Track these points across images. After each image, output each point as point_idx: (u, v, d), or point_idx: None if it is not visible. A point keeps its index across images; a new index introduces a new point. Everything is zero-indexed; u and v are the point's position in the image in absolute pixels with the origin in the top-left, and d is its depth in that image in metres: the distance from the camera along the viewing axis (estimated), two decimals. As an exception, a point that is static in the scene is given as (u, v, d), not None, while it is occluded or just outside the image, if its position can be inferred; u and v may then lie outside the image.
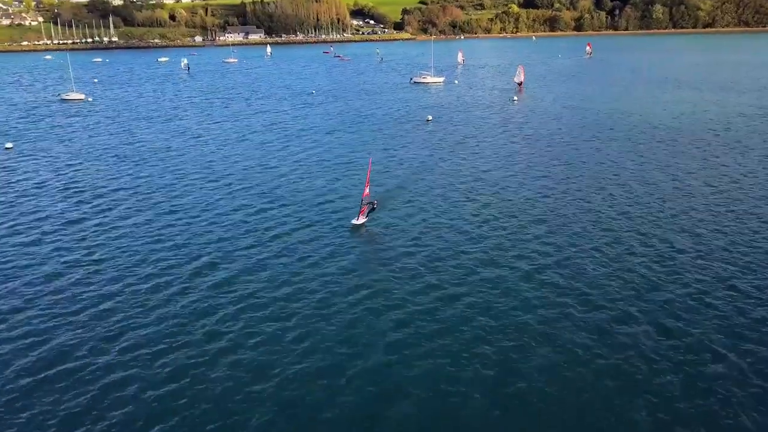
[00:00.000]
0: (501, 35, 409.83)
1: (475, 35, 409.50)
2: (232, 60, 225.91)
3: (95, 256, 38.68)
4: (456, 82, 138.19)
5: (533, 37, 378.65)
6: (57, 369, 26.10)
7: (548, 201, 48.27)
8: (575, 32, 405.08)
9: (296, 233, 41.82)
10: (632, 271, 34.66)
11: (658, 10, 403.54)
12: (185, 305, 31.64)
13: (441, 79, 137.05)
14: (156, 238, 41.86)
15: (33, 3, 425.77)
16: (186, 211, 47.74)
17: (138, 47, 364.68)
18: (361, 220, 42.42)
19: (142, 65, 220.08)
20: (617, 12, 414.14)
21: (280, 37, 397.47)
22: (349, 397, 23.61)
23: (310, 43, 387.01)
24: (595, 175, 55.92)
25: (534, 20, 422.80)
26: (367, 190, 43.30)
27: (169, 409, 23.15)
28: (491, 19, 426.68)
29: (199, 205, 49.15)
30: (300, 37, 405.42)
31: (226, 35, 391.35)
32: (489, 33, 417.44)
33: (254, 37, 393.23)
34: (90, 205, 50.03)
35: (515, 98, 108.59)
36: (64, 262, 37.87)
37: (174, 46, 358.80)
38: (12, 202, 51.54)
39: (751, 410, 22.44)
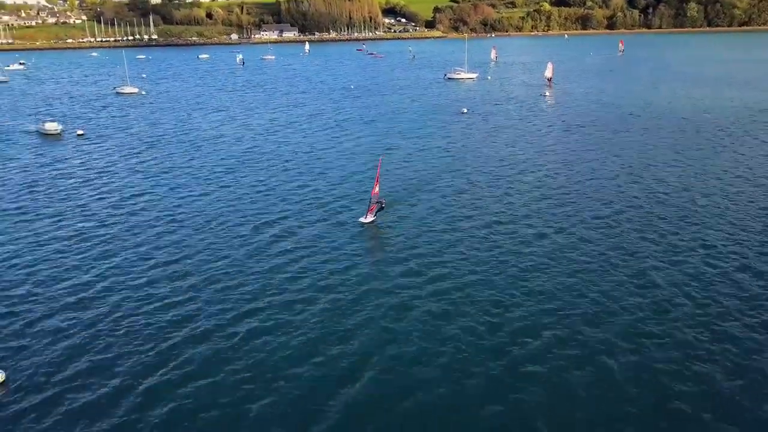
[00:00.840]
0: (532, 33, 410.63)
1: (506, 33, 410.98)
2: (269, 57, 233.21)
3: (169, 219, 45.08)
4: (489, 78, 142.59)
5: (565, 36, 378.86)
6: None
7: (576, 184, 53.00)
8: (607, 31, 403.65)
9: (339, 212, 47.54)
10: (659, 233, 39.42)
11: (693, 8, 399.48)
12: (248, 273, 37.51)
13: (474, 75, 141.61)
14: (216, 207, 48.09)
15: (76, 2, 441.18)
16: (238, 188, 53.94)
17: (176, 45, 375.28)
18: (369, 218, 42.99)
19: (184, 62, 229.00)
20: (651, 10, 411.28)
21: (314, 35, 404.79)
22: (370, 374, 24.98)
23: (343, 40, 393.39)
24: (620, 159, 60.37)
25: (566, 18, 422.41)
26: (376, 189, 43.24)
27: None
28: (522, 18, 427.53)
29: (255, 185, 55.26)
30: (333, 35, 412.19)
31: (261, 33, 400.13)
32: (520, 31, 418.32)
33: (288, 35, 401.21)
34: (156, 181, 56.68)
35: (546, 93, 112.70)
36: (149, 221, 44.34)
37: (211, 44, 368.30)
38: (93, 178, 58.43)
39: None
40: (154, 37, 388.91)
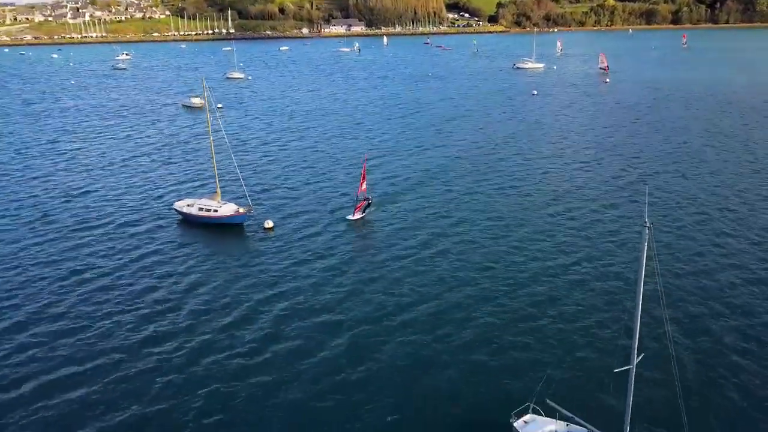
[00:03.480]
0: (595, 28, 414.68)
1: (568, 28, 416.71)
2: (344, 49, 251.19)
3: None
4: (554, 67, 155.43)
5: (629, 30, 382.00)
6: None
7: (637, 159, 67.24)
8: (672, 26, 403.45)
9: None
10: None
11: (763, 2, 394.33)
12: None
13: (541, 65, 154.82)
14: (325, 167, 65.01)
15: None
16: (340, 160, 70.77)
17: (252, 38, 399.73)
18: (357, 215, 43.80)
19: (268, 53, 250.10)
20: (718, 5, 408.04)
21: (380, 29, 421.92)
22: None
23: (408, 35, 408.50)
24: (674, 137, 73.85)
25: (630, 13, 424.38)
26: (363, 186, 43.94)
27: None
28: (585, 12, 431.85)
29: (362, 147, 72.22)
30: (398, 29, 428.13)
31: (330, 27, 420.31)
32: (583, 26, 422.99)
33: (356, 29, 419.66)
34: (283, 134, 74.56)
35: (606, 80, 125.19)
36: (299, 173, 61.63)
37: (284, 38, 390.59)
38: (238, 131, 76.72)
39: None
40: (231, 30, 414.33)
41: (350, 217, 44.25)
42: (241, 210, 44.64)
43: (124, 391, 25.65)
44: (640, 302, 18.17)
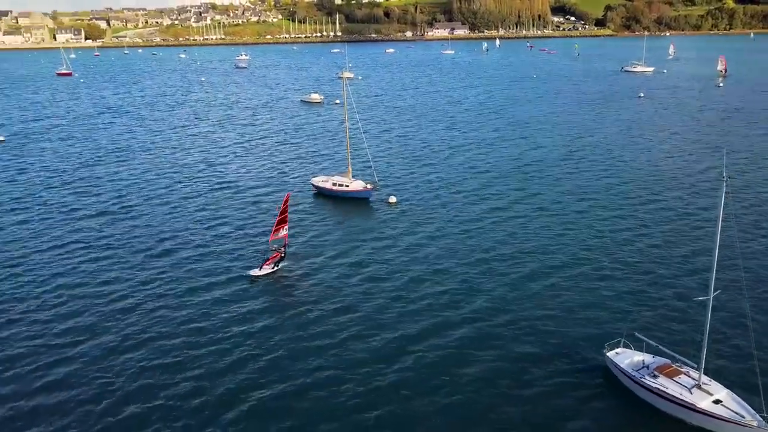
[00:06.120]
0: (712, 32, 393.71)
1: (682, 32, 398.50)
2: (448, 51, 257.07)
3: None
4: (665, 71, 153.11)
5: (750, 34, 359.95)
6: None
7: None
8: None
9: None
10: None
11: None
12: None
13: (650, 69, 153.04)
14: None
15: (272, 2, 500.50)
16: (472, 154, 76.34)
17: (357, 41, 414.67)
18: (265, 269, 36.78)
19: (374, 55, 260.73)
20: None
21: (482, 32, 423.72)
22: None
23: (511, 38, 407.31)
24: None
25: (751, 17, 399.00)
26: (283, 232, 37.25)
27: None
28: (702, 16, 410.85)
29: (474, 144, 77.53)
30: (501, 32, 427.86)
31: (434, 30, 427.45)
32: (698, 30, 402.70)
33: (459, 32, 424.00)
34: (393, 133, 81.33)
35: (720, 83, 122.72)
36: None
37: (388, 40, 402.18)
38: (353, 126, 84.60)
39: None
40: (339, 33, 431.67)
41: (256, 271, 36.80)
42: (369, 186, 51.74)
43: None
44: (718, 241, 22.63)
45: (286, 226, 37.35)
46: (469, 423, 23.56)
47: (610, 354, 26.65)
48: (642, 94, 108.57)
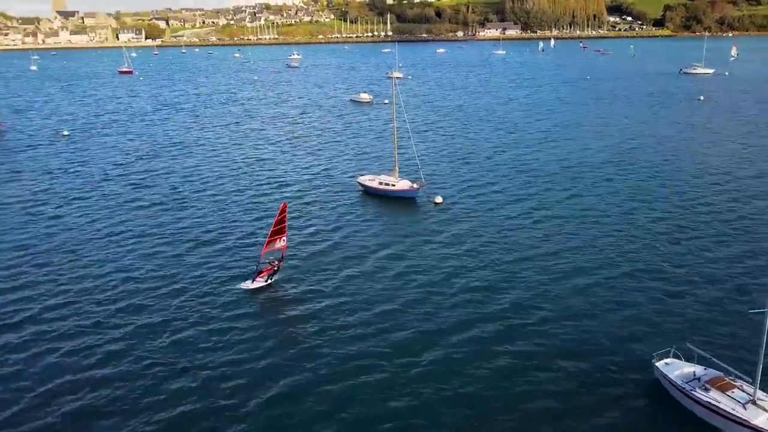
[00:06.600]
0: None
1: (746, 32, 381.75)
2: (499, 52, 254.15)
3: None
4: (727, 73, 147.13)
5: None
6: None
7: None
8: None
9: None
10: None
11: None
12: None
13: (711, 71, 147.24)
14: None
15: (325, 2, 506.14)
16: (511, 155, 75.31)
17: (408, 41, 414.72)
18: (258, 282, 34.64)
19: (424, 55, 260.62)
20: None
21: (535, 32, 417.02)
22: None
23: (564, 38, 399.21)
24: None
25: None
26: (280, 244, 34.79)
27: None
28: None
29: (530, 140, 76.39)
30: (554, 32, 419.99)
31: (485, 30, 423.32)
32: (764, 30, 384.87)
33: (511, 32, 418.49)
34: (440, 134, 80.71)
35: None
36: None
37: (439, 40, 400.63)
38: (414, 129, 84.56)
39: None
40: (389, 33, 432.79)
41: (248, 284, 35.01)
42: (415, 185, 51.67)
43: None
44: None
45: (285, 237, 34.88)
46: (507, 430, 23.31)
47: (659, 364, 25.68)
48: (701, 97, 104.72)
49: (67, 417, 24.23)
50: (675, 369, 25.36)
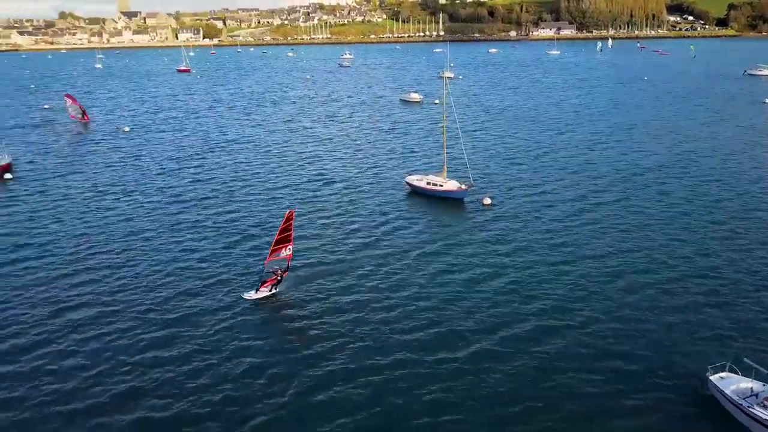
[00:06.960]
0: None
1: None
2: (554, 52, 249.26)
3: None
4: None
5: None
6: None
7: None
8: None
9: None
10: None
11: None
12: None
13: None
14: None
15: (377, 2, 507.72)
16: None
17: (460, 40, 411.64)
18: (262, 293, 33.49)
19: (476, 54, 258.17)
20: None
21: (591, 32, 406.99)
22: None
23: (621, 38, 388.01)
24: None
25: None
26: (285, 252, 33.51)
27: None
28: None
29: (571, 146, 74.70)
30: (611, 32, 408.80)
31: (539, 30, 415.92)
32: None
33: (566, 32, 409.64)
34: (491, 134, 79.88)
35: None
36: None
37: (491, 40, 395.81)
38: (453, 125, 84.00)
39: None
40: (441, 33, 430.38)
41: (252, 294, 33.65)
42: (463, 186, 51.25)
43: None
44: None
45: (291, 246, 33.52)
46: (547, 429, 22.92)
47: (714, 378, 24.63)
48: (767, 100, 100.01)
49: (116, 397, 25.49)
50: (731, 384, 24.24)
